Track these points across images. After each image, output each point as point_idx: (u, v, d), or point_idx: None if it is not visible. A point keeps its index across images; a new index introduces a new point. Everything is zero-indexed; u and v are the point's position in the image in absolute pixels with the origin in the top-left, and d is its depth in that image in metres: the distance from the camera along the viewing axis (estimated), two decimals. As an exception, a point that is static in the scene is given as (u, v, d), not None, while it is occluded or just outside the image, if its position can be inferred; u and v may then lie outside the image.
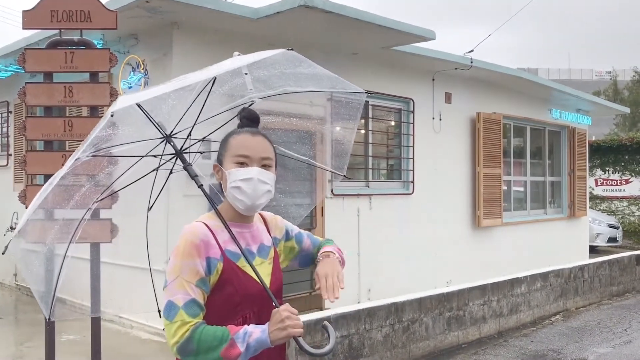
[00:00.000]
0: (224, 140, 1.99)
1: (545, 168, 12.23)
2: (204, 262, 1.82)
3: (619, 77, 41.99)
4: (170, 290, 1.79)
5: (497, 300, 7.31)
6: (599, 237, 14.94)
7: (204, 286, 1.82)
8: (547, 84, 10.92)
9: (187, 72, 6.74)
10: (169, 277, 1.81)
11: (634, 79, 39.95)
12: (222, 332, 1.75)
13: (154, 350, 6.04)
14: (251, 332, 1.76)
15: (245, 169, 1.90)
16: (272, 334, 1.75)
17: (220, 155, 1.98)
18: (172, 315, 1.77)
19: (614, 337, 7.02)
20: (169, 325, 1.77)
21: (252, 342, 1.75)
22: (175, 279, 1.80)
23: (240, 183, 1.90)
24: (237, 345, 1.74)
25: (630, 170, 18.09)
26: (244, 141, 1.93)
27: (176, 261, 1.82)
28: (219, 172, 1.99)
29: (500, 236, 10.38)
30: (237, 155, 1.92)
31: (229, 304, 1.86)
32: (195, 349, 1.74)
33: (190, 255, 1.82)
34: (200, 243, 1.84)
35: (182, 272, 1.80)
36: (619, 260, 9.90)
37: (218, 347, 1.73)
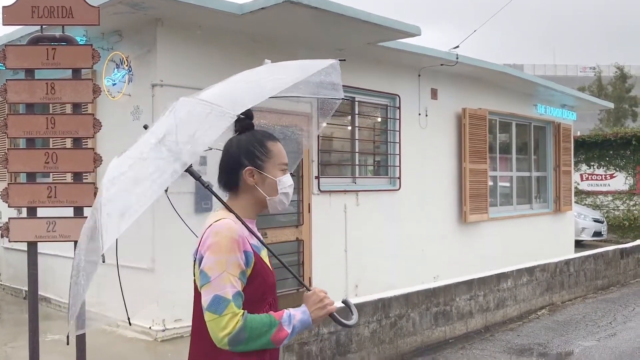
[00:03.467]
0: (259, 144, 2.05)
1: (531, 163, 12.30)
2: (242, 256, 1.91)
3: (603, 73, 42.30)
4: (215, 285, 1.86)
5: (484, 295, 7.35)
6: (584, 231, 15.06)
7: (244, 278, 1.92)
8: (533, 79, 10.99)
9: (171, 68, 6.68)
10: (213, 272, 1.87)
11: (616, 75, 40.31)
12: (269, 318, 1.89)
13: (139, 349, 6.00)
14: (294, 314, 1.93)
15: (288, 177, 2.09)
16: (314, 313, 1.95)
17: (257, 160, 2.04)
18: (222, 309, 1.84)
19: (599, 331, 7.08)
20: (217, 319, 1.83)
21: (297, 323, 1.92)
22: (221, 274, 1.87)
23: (289, 189, 2.08)
24: (284, 327, 1.89)
25: (615, 165, 18.26)
26: (282, 150, 2.08)
27: (220, 257, 1.88)
28: (254, 176, 2.04)
29: (487, 231, 10.43)
30: (282, 163, 2.07)
31: (259, 293, 1.97)
32: (247, 337, 1.84)
33: (233, 250, 1.89)
34: (239, 239, 1.92)
35: (228, 267, 1.88)
36: (604, 254, 9.98)
37: (268, 332, 1.87)
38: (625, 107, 38.79)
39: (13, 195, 4.16)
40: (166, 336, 6.17)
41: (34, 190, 4.21)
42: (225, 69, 6.72)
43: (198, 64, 6.49)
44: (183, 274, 6.31)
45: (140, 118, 6.34)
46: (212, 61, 6.61)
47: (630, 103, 39.30)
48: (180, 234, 6.23)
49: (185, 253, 6.90)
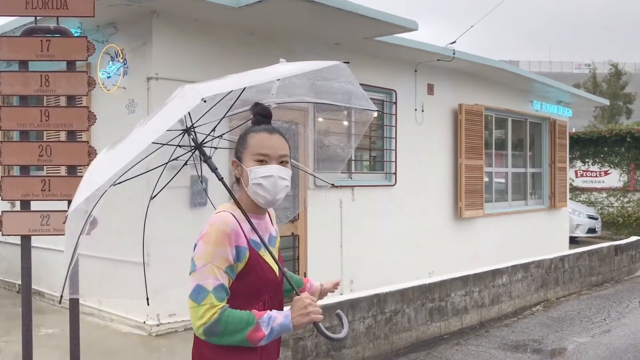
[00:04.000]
0: (242, 137, 2.09)
1: (526, 159, 12.31)
2: (233, 251, 1.93)
3: (598, 70, 42.40)
4: (199, 275, 1.89)
5: (479, 291, 7.35)
6: (578, 227, 15.10)
7: (231, 273, 1.94)
8: (529, 75, 10.97)
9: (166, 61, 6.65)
10: (199, 262, 1.91)
11: (611, 72, 40.39)
12: (248, 315, 1.88)
13: (134, 343, 5.97)
14: (275, 316, 1.90)
15: (266, 167, 2.01)
16: (295, 320, 1.90)
17: (238, 152, 2.08)
18: (201, 299, 1.87)
19: (593, 327, 7.10)
20: (196, 307, 1.87)
21: (276, 326, 1.89)
22: (206, 264, 1.89)
23: (261, 180, 2.01)
24: (261, 328, 1.87)
25: (609, 162, 18.29)
26: (263, 140, 2.03)
27: (208, 248, 1.91)
28: (237, 168, 2.09)
29: (482, 227, 10.43)
30: (257, 153, 2.02)
31: (253, 290, 1.99)
32: (221, 330, 1.85)
33: (222, 243, 1.91)
34: (231, 232, 1.94)
35: (213, 258, 1.90)
36: (598, 250, 10.00)
37: (244, 330, 1.86)
38: (619, 104, 38.89)
39: (6, 188, 4.12)
40: (160, 331, 6.14)
41: (27, 183, 4.16)
42: (221, 63, 6.70)
43: (194, 57, 6.44)
44: (178, 269, 6.29)
45: (135, 111, 6.29)
46: (208, 55, 6.57)
47: (624, 100, 39.41)
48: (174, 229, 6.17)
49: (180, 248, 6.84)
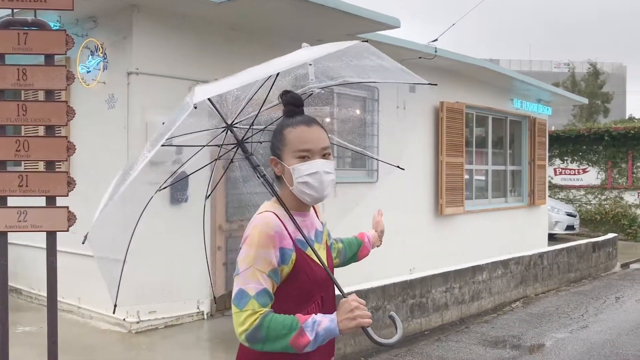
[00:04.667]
0: (278, 133, 1.98)
1: (507, 157, 12.41)
2: (277, 253, 1.85)
3: (576, 69, 42.89)
4: (242, 279, 1.81)
5: (459, 287, 7.40)
6: (557, 225, 15.27)
7: (275, 277, 1.85)
8: (509, 74, 11.05)
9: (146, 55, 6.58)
10: (242, 265, 1.83)
11: (589, 71, 40.90)
12: (291, 320, 1.78)
13: (113, 340, 5.92)
14: (320, 320, 1.79)
15: (310, 163, 1.91)
16: (342, 324, 1.79)
17: (277, 149, 1.97)
18: (243, 304, 1.79)
19: (571, 323, 7.19)
20: (238, 313, 1.79)
21: (321, 331, 1.78)
22: (248, 268, 1.81)
23: (307, 178, 1.91)
24: (306, 333, 1.77)
25: (588, 160, 18.52)
26: (303, 134, 1.92)
27: (250, 251, 1.83)
28: (277, 166, 1.98)
29: (462, 224, 10.51)
30: (298, 150, 1.92)
31: (304, 292, 1.91)
32: (264, 336, 1.76)
33: (265, 246, 1.83)
34: (274, 234, 1.85)
35: (256, 262, 1.82)
36: (577, 247, 10.14)
37: (287, 335, 1.76)
38: (597, 103, 39.39)
39: (-17, 183, 4.04)
40: (140, 328, 6.09)
41: (4, 179, 4.09)
42: (202, 58, 6.65)
43: (175, 52, 6.38)
44: (158, 266, 6.25)
45: (115, 106, 6.22)
46: (190, 50, 6.51)
47: (602, 99, 39.93)
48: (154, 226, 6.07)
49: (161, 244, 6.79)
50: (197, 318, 6.53)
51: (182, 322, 6.39)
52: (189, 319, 6.46)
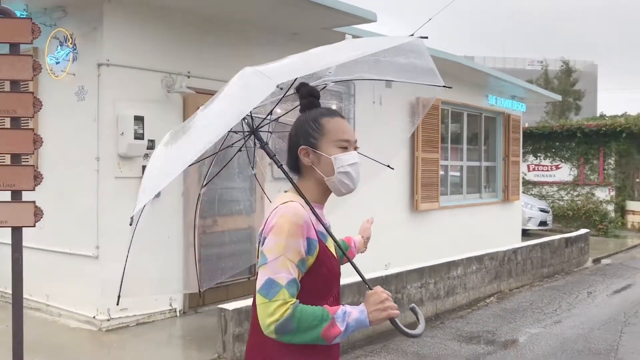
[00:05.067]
0: (313, 122, 1.94)
1: (481, 153, 12.48)
2: (305, 243, 1.83)
3: (550, 66, 43.43)
4: (271, 268, 1.77)
5: (434, 283, 7.40)
6: (530, 220, 15.43)
7: (302, 267, 1.83)
8: (485, 70, 11.11)
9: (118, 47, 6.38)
10: (270, 255, 1.79)
11: (562, 69, 41.46)
12: (322, 311, 1.76)
13: (83, 339, 5.77)
14: (350, 311, 1.79)
15: (350, 154, 1.94)
16: (372, 315, 1.80)
17: (311, 138, 1.93)
18: (273, 294, 1.75)
19: (545, 318, 7.24)
20: (267, 303, 1.75)
21: (352, 322, 1.78)
22: (278, 257, 1.78)
23: (348, 168, 1.92)
24: (337, 324, 1.75)
25: (560, 157, 18.75)
26: (341, 125, 1.95)
27: (280, 240, 1.79)
28: (309, 155, 1.94)
29: (438, 220, 10.53)
30: (340, 139, 1.93)
31: (324, 284, 1.91)
32: (295, 327, 1.73)
33: (295, 235, 1.80)
34: (303, 224, 1.83)
35: (286, 251, 1.79)
36: (550, 243, 10.23)
37: (318, 327, 1.74)
38: (569, 100, 39.95)
39: (-56, 177, 3.88)
40: (111, 326, 5.95)
41: (-33, 172, 3.93)
42: (176, 50, 6.51)
43: (147, 44, 6.24)
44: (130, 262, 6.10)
45: (85, 99, 6.06)
46: (162, 41, 6.37)
47: (574, 96, 40.50)
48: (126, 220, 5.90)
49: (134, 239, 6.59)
50: (169, 315, 6.42)
51: (154, 319, 6.27)
52: (161, 316, 6.34)
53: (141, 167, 6.08)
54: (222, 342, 5.13)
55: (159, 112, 6.25)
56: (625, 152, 17.74)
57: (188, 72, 6.54)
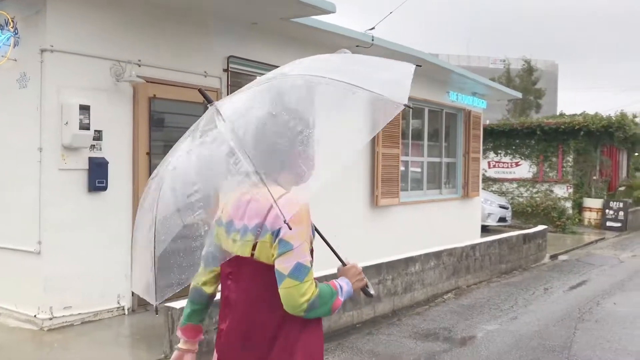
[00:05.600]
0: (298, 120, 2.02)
1: (442, 149, 12.48)
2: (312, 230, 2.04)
3: (512, 65, 44.06)
4: (298, 253, 1.92)
5: (392, 279, 7.31)
6: (490, 217, 15.54)
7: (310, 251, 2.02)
8: (447, 66, 11.07)
9: (63, 32, 6.01)
10: (295, 241, 1.92)
11: (524, 68, 42.12)
12: (329, 287, 2.01)
13: (23, 339, 5.48)
14: (342, 285, 2.07)
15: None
16: (355, 285, 2.15)
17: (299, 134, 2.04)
18: (303, 276, 1.91)
19: (501, 314, 7.22)
20: (299, 285, 1.91)
21: (345, 293, 2.06)
22: (302, 243, 1.93)
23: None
24: (339, 297, 2.02)
25: (520, 154, 18.97)
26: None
27: (302, 227, 1.94)
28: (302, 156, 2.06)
29: (398, 215, 10.47)
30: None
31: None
32: (320, 302, 1.95)
33: (309, 223, 1.99)
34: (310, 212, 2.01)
35: (306, 237, 1.96)
36: (508, 239, 10.28)
37: (330, 301, 1.98)
38: (530, 98, 40.60)
39: None
40: (54, 325, 5.67)
41: None
42: (126, 37, 6.24)
43: (95, 30, 5.95)
44: (75, 258, 5.85)
45: (27, 86, 5.74)
46: (112, 27, 6.09)
47: (535, 95, 41.19)
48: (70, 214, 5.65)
49: (77, 235, 6.34)
50: (117, 313, 6.16)
51: (101, 317, 6.01)
52: (109, 315, 6.08)
53: (87, 158, 5.81)
54: (169, 342, 4.92)
55: (107, 101, 5.98)
56: (583, 150, 18.03)
57: (139, 60, 6.28)
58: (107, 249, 6.03)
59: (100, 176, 5.84)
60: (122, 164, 6.16)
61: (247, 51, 7.53)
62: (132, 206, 6.23)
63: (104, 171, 5.86)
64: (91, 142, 5.76)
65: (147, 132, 6.34)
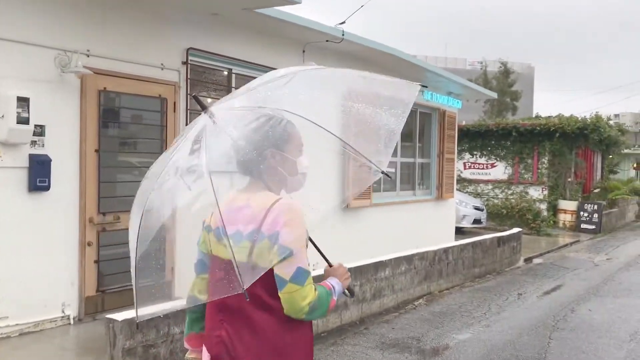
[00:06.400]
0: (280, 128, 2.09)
1: (416, 150, 12.17)
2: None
3: (489, 67, 44.15)
4: (298, 258, 1.96)
5: (360, 285, 6.95)
6: (465, 218, 15.30)
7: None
8: (420, 64, 10.75)
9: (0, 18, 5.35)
10: (294, 246, 1.96)
11: (500, 70, 42.23)
12: (325, 288, 2.09)
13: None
14: (334, 284, 2.16)
15: (307, 158, 2.18)
16: (343, 284, 2.22)
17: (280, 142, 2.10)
18: (304, 280, 1.97)
19: (473, 322, 6.90)
20: (300, 289, 1.96)
21: (337, 293, 2.15)
22: (301, 248, 1.98)
23: (306, 170, 2.19)
24: (333, 297, 2.12)
25: (496, 155, 18.79)
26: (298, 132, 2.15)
27: (299, 232, 2.00)
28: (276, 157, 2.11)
29: (370, 217, 10.12)
30: (301, 144, 2.16)
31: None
32: (319, 304, 2.01)
33: (304, 227, 2.03)
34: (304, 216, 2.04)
35: (304, 242, 2.02)
36: (482, 242, 9.99)
37: (327, 301, 2.06)
38: (507, 100, 40.71)
39: None
40: (-12, 337, 5.20)
41: None
42: (74, 25, 5.75)
43: (37, 16, 5.46)
44: (12, 263, 5.36)
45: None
46: (57, 14, 5.62)
47: (511, 97, 41.31)
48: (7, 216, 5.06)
49: (16, 238, 5.79)
50: (61, 323, 5.70)
51: (42, 328, 5.54)
52: (52, 325, 5.62)
53: (27, 155, 5.34)
54: (111, 357, 4.49)
55: (50, 94, 5.52)
56: (558, 151, 17.90)
57: (88, 50, 5.82)
58: (50, 254, 5.57)
59: (42, 175, 5.38)
60: (67, 162, 5.70)
61: (209, 43, 7.10)
62: (78, 207, 5.78)
63: (46, 169, 5.40)
64: (31, 137, 5.30)
65: (96, 127, 5.89)
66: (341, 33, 8.34)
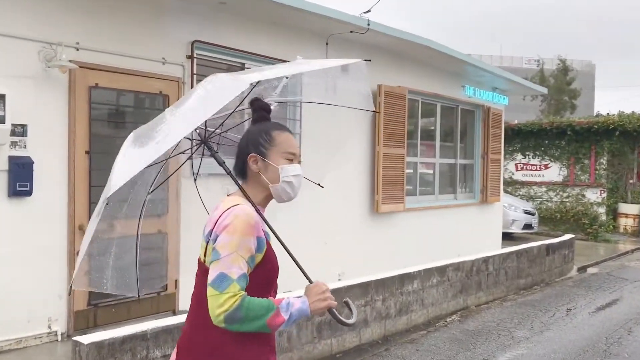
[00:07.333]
0: (265, 133, 2.14)
1: (457, 150, 11.31)
2: (255, 241, 2.00)
3: (546, 65, 42.40)
4: (224, 264, 1.94)
5: (383, 300, 6.25)
6: (514, 223, 14.29)
7: (251, 263, 2.00)
8: (459, 56, 9.86)
9: None
10: (223, 251, 1.95)
11: (558, 67, 40.39)
12: (268, 302, 1.96)
13: None
14: (293, 302, 2.00)
15: (295, 166, 2.14)
16: (313, 305, 2.03)
17: (261, 148, 2.12)
18: (224, 287, 1.91)
19: (511, 343, 6.08)
20: (217, 295, 1.91)
21: (295, 311, 1.98)
22: (231, 254, 1.94)
23: (292, 178, 2.13)
24: (281, 314, 1.95)
25: (550, 156, 17.65)
26: (290, 139, 2.16)
27: (234, 238, 1.96)
28: (258, 163, 2.13)
29: (402, 223, 9.37)
30: (288, 152, 2.14)
31: (268, 279, 2.10)
32: (243, 316, 1.90)
33: (247, 234, 1.97)
34: (254, 224, 2.00)
35: (239, 248, 1.95)
36: (528, 250, 9.08)
37: (264, 316, 1.93)
38: (565, 99, 38.90)
39: None
40: (-36, 355, 4.78)
41: None
42: (60, 15, 5.25)
43: (19, 6, 5.04)
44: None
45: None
46: (42, 4, 5.19)
47: (570, 95, 39.44)
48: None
49: None
50: (47, 340, 5.23)
51: (26, 345, 5.09)
52: (36, 342, 5.16)
53: (7, 157, 4.91)
54: None
55: (33, 90, 5.08)
56: (618, 151, 16.61)
57: (76, 43, 5.36)
58: (34, 265, 5.13)
59: (22, 179, 4.94)
60: (54, 165, 5.25)
61: (216, 35, 6.56)
62: (67, 214, 5.32)
63: (27, 173, 4.96)
64: (9, 138, 4.87)
65: (86, 127, 5.42)
66: (366, 23, 7.66)
